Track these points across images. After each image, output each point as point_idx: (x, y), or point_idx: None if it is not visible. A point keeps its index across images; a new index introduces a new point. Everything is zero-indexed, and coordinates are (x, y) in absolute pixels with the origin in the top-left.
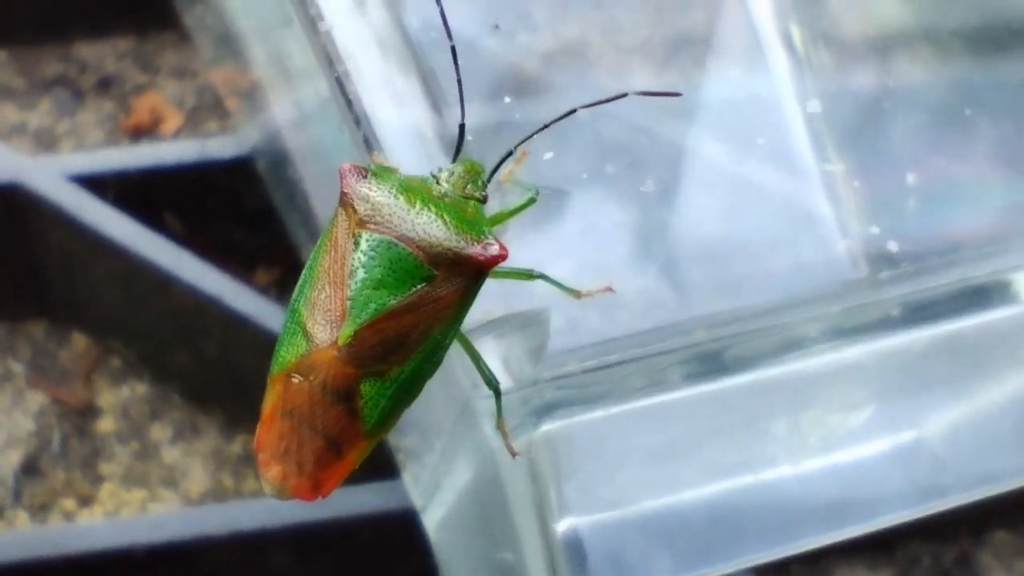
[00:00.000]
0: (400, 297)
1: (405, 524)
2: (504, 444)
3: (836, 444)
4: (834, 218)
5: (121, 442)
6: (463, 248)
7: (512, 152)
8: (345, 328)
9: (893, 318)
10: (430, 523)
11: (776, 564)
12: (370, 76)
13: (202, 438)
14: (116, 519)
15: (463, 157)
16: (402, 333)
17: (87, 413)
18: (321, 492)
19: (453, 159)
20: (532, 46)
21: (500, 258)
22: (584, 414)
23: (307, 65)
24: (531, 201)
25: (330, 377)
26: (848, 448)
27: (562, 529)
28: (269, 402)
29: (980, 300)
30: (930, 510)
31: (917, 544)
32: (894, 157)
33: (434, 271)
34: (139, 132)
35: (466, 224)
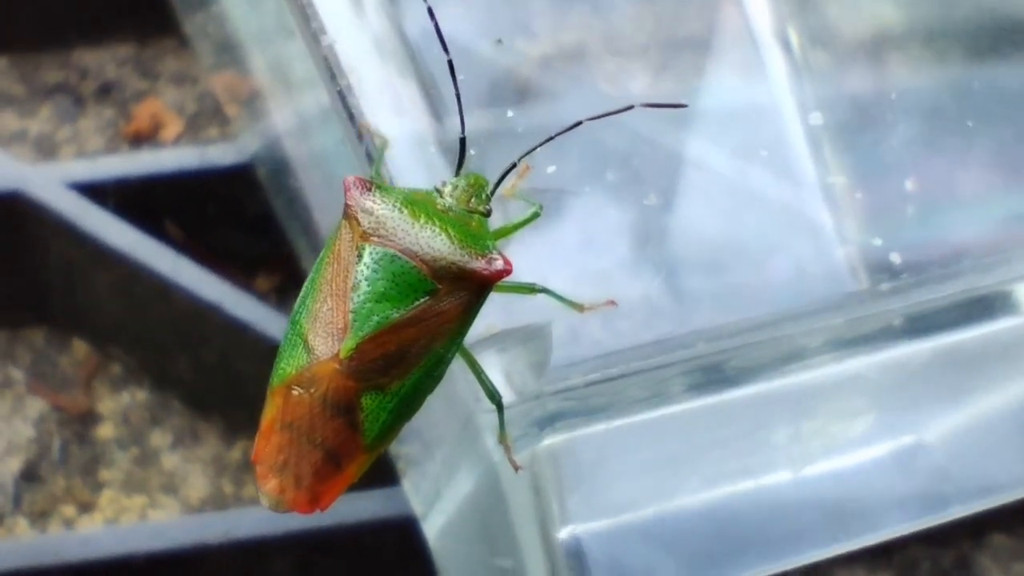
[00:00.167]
0: (403, 310)
1: (405, 531)
2: (507, 458)
3: (837, 455)
4: (836, 229)
5: (121, 449)
6: (467, 262)
7: (515, 165)
8: (347, 341)
9: (894, 329)
10: (430, 531)
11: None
12: (371, 87)
13: (202, 445)
14: (116, 527)
15: (466, 171)
16: (404, 347)
17: (87, 420)
18: (319, 505)
19: (456, 172)
20: (531, 53)
21: (504, 273)
22: (586, 427)
23: (307, 74)
24: (535, 215)
25: (331, 390)
26: (849, 459)
27: (563, 537)
28: (268, 414)
29: (981, 311)
30: (932, 521)
31: (916, 548)
32: (895, 168)
33: (437, 285)
34: (139, 138)
35: (470, 238)
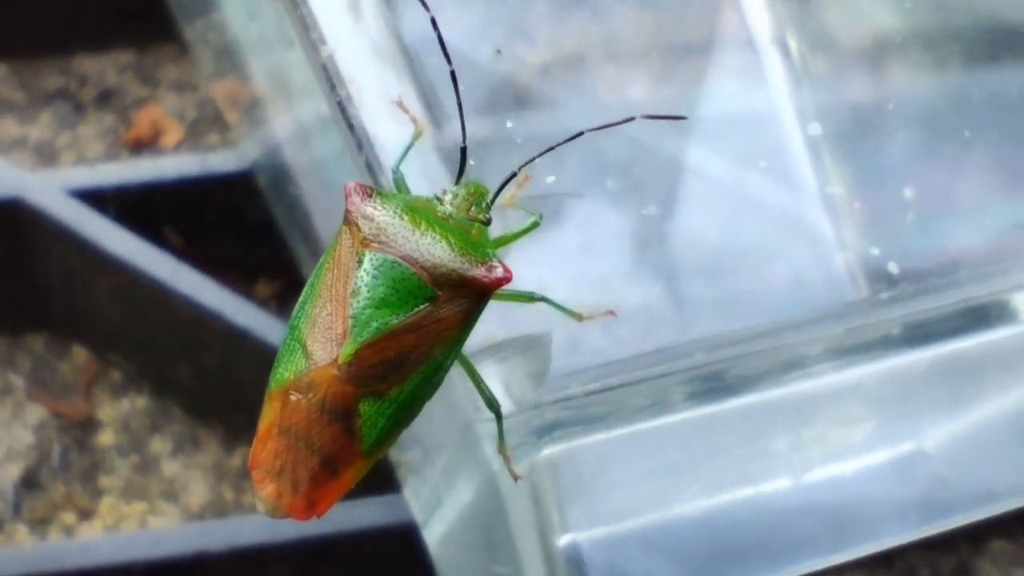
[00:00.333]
0: (402, 317)
1: (406, 538)
2: (506, 467)
3: (837, 463)
4: (835, 238)
5: (121, 455)
6: (467, 270)
7: (516, 174)
8: (346, 347)
9: (893, 338)
10: (431, 538)
11: None
12: (370, 96)
13: (202, 451)
14: (116, 534)
15: (466, 179)
16: (403, 353)
17: (87, 426)
18: (316, 511)
19: (456, 181)
20: (531, 60)
21: (504, 281)
22: (586, 436)
23: (307, 82)
24: (534, 225)
25: (329, 395)
26: (849, 467)
27: (563, 545)
28: (266, 419)
29: (980, 320)
30: (932, 530)
31: (916, 553)
32: (894, 177)
33: (437, 292)
34: (139, 145)
35: (471, 246)
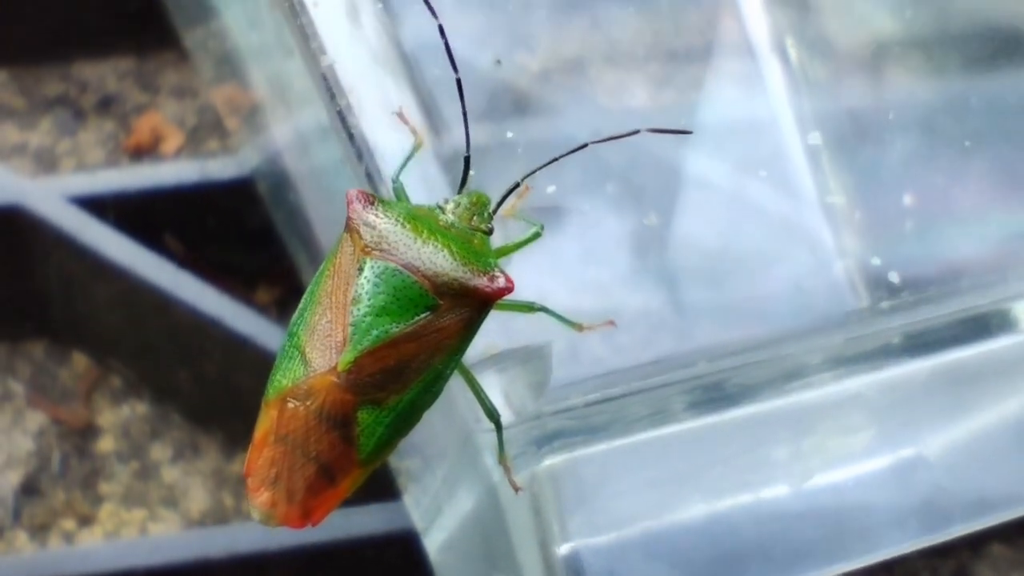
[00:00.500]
0: (403, 325)
1: (406, 546)
2: (506, 478)
3: (838, 472)
4: (835, 248)
5: (121, 462)
6: (469, 279)
7: (518, 185)
8: (345, 354)
9: (894, 347)
10: (431, 546)
11: None
12: (370, 104)
13: (202, 458)
14: (116, 541)
15: (468, 188)
16: (403, 362)
17: (87, 433)
18: (311, 520)
19: (459, 191)
20: (531, 67)
21: (506, 290)
22: (587, 446)
23: (307, 91)
24: (536, 235)
25: (327, 403)
26: (850, 476)
27: (564, 554)
28: (262, 426)
29: (980, 329)
30: (933, 540)
31: (915, 558)
32: (894, 185)
33: (439, 300)
34: (140, 151)
35: (473, 255)
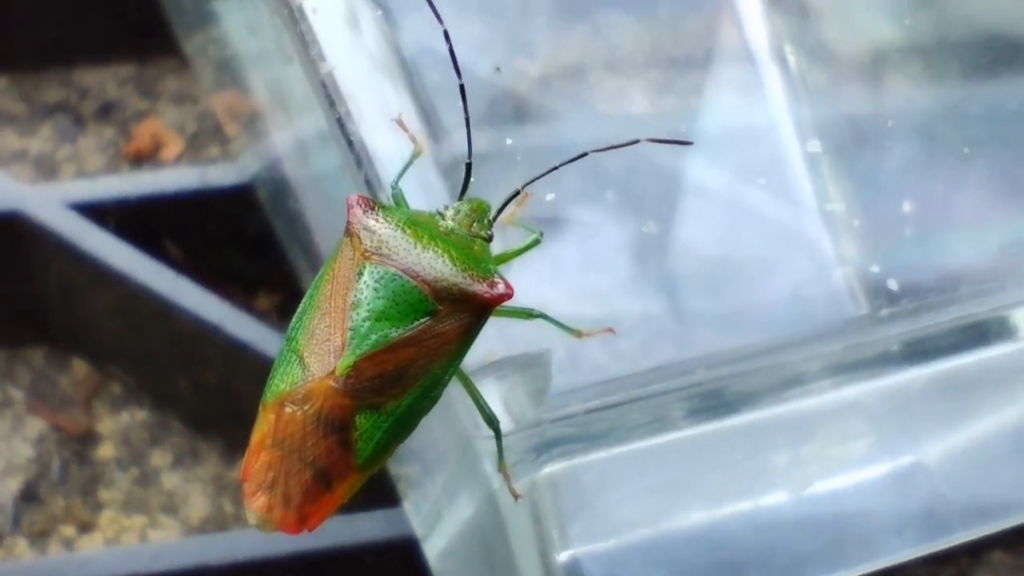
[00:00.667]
0: (402, 330)
1: (406, 552)
2: (506, 486)
3: (837, 480)
4: (835, 256)
5: (121, 468)
6: (469, 285)
7: (518, 192)
8: (344, 359)
9: (892, 355)
10: (431, 552)
11: None
12: (369, 110)
13: (202, 464)
14: (116, 548)
15: (468, 195)
16: (401, 367)
17: (87, 439)
18: (307, 525)
19: (459, 197)
20: (531, 73)
21: (506, 297)
22: (586, 454)
23: (307, 98)
24: (535, 243)
25: (325, 408)
26: (848, 483)
27: (563, 561)
28: (259, 431)
29: (978, 337)
30: (932, 547)
31: (915, 565)
32: (893, 193)
33: (438, 306)
34: (140, 158)
35: (473, 261)
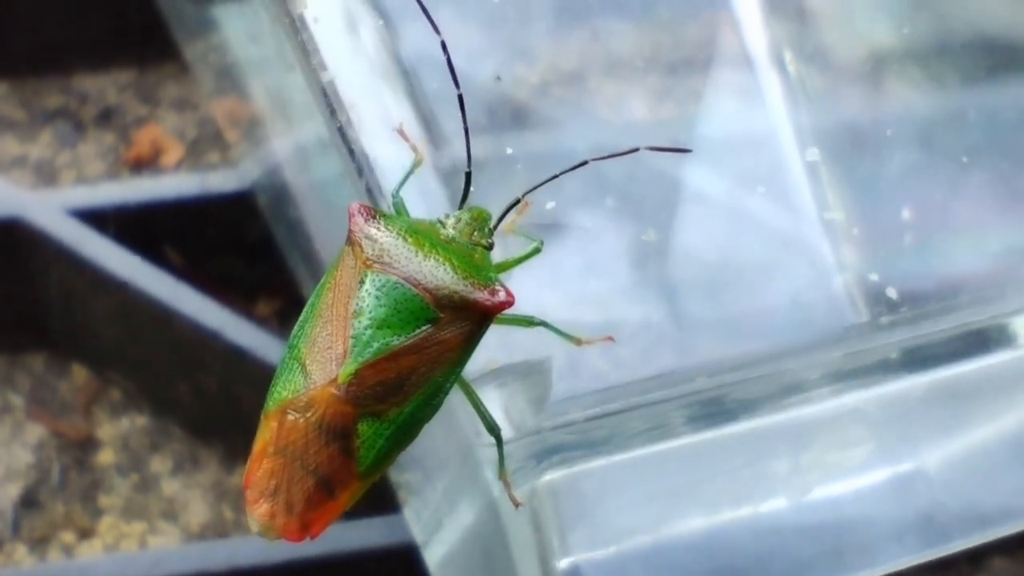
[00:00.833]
0: (403, 338)
1: (406, 559)
2: (506, 493)
3: (837, 487)
4: (834, 263)
5: (121, 474)
6: (470, 293)
7: (519, 200)
8: (346, 366)
9: (892, 362)
10: (431, 559)
11: None
12: (370, 120)
13: (202, 470)
14: (116, 554)
15: (468, 203)
16: (403, 374)
17: (86, 445)
18: (309, 533)
19: (460, 206)
20: (530, 79)
21: (507, 304)
22: (587, 461)
23: (307, 105)
24: (536, 251)
25: (327, 415)
26: (848, 491)
27: (564, 568)
28: (261, 438)
29: (978, 344)
30: (932, 555)
31: (915, 571)
32: (892, 200)
33: (439, 314)
34: (140, 164)
35: (474, 269)
